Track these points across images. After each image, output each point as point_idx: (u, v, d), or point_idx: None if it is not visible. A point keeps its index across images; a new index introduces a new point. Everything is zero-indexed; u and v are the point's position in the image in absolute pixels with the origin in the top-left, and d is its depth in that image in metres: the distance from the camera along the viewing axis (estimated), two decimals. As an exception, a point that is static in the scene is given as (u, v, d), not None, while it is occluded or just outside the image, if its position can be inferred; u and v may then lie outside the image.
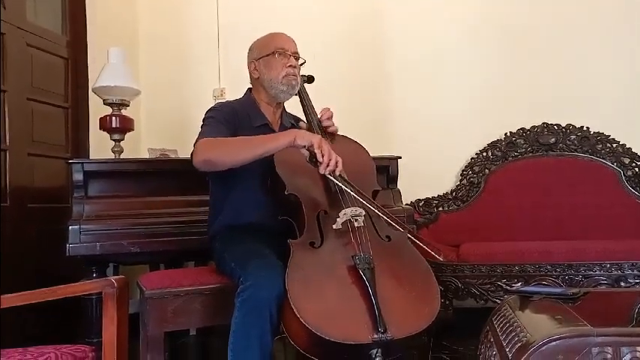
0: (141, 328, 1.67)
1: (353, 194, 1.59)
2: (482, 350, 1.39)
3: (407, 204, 2.73)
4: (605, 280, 2.46)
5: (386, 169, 2.45)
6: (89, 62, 2.88)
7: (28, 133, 2.54)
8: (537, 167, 3.20)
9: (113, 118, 2.46)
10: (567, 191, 3.08)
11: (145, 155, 2.80)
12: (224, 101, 2.01)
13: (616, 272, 2.46)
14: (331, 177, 1.57)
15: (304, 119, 1.91)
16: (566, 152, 3.20)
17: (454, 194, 3.30)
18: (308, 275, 1.44)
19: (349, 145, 1.87)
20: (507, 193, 3.16)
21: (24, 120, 2.51)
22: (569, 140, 3.21)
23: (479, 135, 3.31)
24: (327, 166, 1.52)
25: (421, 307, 1.44)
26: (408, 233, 1.64)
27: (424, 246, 1.56)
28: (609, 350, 1.03)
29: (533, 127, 3.26)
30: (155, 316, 1.63)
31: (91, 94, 2.69)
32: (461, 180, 3.32)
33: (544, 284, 1.53)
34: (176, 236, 2.08)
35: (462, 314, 2.67)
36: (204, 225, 1.91)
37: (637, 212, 2.97)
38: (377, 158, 1.98)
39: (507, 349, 1.14)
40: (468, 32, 3.34)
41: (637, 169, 3.10)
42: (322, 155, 1.52)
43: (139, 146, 3.17)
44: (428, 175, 3.25)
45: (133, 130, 2.60)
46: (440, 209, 3.27)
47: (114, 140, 2.49)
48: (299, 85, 1.86)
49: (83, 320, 2.07)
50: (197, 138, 1.67)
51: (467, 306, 2.73)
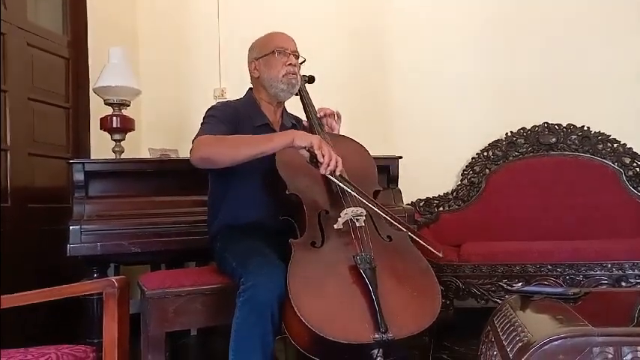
0: (142, 329, 1.67)
1: (354, 194, 1.59)
2: (483, 350, 1.38)
3: (407, 204, 2.72)
4: (606, 280, 2.47)
5: (386, 169, 2.45)
6: (90, 62, 2.88)
7: (29, 133, 2.54)
8: (538, 167, 3.20)
9: (114, 118, 2.47)
10: (568, 191, 3.07)
11: (146, 155, 2.80)
12: (225, 101, 2.01)
13: (617, 272, 2.46)
14: (332, 177, 1.57)
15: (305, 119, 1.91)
16: (566, 152, 3.20)
17: (455, 194, 3.30)
18: (309, 275, 1.44)
19: (350, 145, 1.86)
20: (508, 193, 3.16)
21: (25, 120, 2.51)
22: (569, 140, 3.20)
23: (479, 135, 3.31)
24: (328, 167, 1.52)
25: (422, 307, 1.44)
26: (408, 231, 1.64)
27: (423, 243, 1.56)
28: (610, 350, 1.03)
29: (534, 127, 3.26)
30: (156, 317, 1.63)
31: (92, 94, 2.69)
32: (461, 180, 3.32)
33: (545, 284, 1.53)
34: (177, 236, 2.08)
35: (463, 314, 2.67)
36: (205, 225, 1.91)
37: (638, 212, 2.96)
38: (378, 158, 1.97)
39: (508, 349, 1.14)
40: (469, 32, 3.35)
41: (638, 169, 3.10)
42: (322, 156, 1.52)
43: (140, 146, 3.17)
44: (428, 175, 3.25)
45: (134, 130, 2.60)
46: (440, 209, 3.27)
47: (114, 140, 2.50)
48: (299, 84, 1.86)
49: (84, 320, 2.06)
50: (196, 135, 1.67)
51: (468, 306, 2.73)
